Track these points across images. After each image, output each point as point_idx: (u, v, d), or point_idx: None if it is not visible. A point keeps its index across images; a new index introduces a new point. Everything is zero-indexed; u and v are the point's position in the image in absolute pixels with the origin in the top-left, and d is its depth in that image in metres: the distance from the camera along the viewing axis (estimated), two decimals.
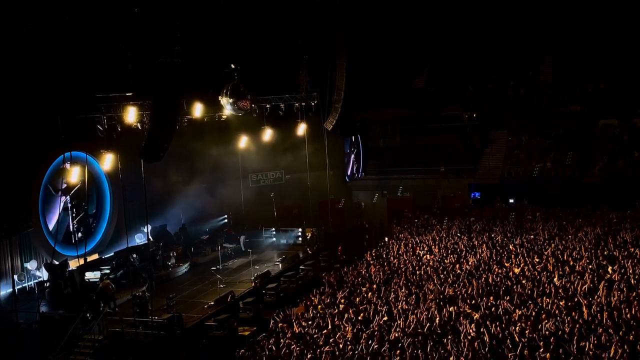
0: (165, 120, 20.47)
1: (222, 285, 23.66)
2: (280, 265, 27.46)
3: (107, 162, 23.25)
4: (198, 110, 25.39)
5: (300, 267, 26.73)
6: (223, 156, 31.70)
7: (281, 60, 29.99)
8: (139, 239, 27.96)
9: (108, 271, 24.16)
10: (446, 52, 42.80)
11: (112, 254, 26.43)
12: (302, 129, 31.14)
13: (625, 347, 13.20)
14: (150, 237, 27.34)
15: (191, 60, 21.89)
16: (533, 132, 38.41)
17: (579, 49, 40.02)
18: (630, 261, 20.04)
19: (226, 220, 33.53)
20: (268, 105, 29.29)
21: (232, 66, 24.99)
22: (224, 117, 27.45)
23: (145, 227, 26.48)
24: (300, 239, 31.77)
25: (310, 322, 17.34)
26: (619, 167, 34.09)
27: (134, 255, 25.53)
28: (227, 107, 25.42)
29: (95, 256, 26.08)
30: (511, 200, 34.82)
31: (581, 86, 38.11)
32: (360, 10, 31.52)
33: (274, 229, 32.65)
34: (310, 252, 29.31)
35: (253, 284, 24.08)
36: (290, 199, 35.04)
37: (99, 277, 23.42)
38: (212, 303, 21.87)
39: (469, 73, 41.83)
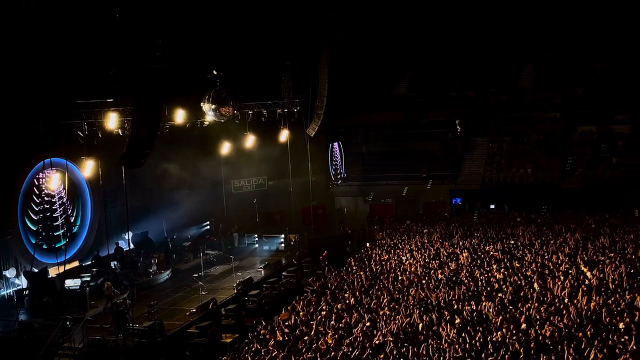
0: (146, 126, 20.38)
1: (204, 292, 23.55)
2: (262, 271, 27.41)
3: (88, 168, 23.14)
4: (180, 116, 25.40)
5: (283, 273, 26.69)
6: (205, 163, 31.58)
7: (264, 66, 30.00)
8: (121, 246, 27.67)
9: (89, 279, 23.93)
10: (428, 58, 43.17)
11: (93, 261, 26.18)
12: (284, 135, 31.15)
13: (605, 351, 13.34)
14: (131, 244, 27.12)
15: (173, 66, 21.84)
16: (514, 137, 38.78)
17: (560, 53, 40.64)
18: (609, 266, 20.27)
19: (208, 227, 33.42)
20: (250, 112, 29.28)
21: (215, 72, 24.99)
22: (206, 123, 27.38)
23: (127, 234, 26.28)
24: (283, 245, 31.77)
25: (292, 329, 17.30)
26: (598, 173, 34.52)
27: (115, 263, 25.32)
28: (209, 113, 25.40)
29: (76, 263, 25.85)
30: (492, 206, 35.14)
31: (563, 90, 38.48)
32: (343, 17, 31.64)
33: (256, 235, 32.60)
34: (292, 258, 29.27)
35: (235, 291, 24.02)
36: (273, 205, 34.99)
37: (79, 284, 23.19)
38: (194, 310, 21.75)
39: (451, 78, 42.14)
